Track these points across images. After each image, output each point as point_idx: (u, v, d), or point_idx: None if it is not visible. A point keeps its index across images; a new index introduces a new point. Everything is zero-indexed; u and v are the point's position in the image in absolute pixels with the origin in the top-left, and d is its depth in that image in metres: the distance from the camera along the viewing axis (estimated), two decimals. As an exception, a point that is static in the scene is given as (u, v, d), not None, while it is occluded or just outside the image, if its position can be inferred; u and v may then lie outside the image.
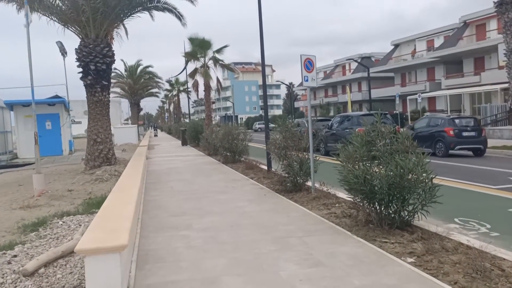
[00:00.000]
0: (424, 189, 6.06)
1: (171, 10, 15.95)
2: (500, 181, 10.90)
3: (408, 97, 43.16)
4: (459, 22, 42.80)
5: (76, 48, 14.22)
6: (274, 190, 10.11)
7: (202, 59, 27.55)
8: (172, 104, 74.25)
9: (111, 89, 47.45)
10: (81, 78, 14.34)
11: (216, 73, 27.91)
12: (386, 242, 5.72)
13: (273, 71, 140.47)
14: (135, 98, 46.27)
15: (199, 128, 27.24)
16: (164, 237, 6.27)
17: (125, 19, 15.46)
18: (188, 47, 27.38)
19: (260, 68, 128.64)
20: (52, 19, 14.13)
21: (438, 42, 46.13)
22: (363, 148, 6.57)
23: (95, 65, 13.93)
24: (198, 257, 5.36)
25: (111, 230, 4.25)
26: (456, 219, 7.24)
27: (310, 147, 9.45)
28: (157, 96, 56.80)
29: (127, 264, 4.59)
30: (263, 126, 35.09)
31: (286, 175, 9.88)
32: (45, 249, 5.76)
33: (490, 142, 20.42)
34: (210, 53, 27.44)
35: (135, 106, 46.71)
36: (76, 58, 14.18)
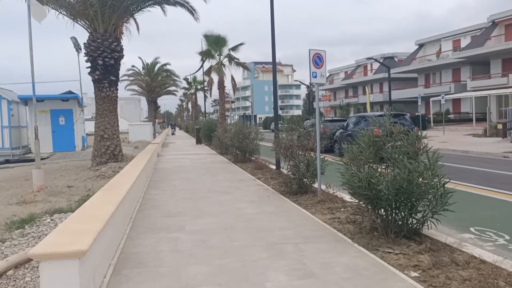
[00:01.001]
0: (435, 195, 5.51)
1: (183, 4, 15.60)
2: (523, 187, 10.18)
3: (432, 99, 42.09)
4: (487, 21, 41.39)
5: (84, 43, 14.01)
6: (279, 191, 9.64)
7: (217, 57, 27.19)
8: (190, 103, 74.26)
9: (129, 87, 47.98)
10: (89, 73, 14.11)
11: (231, 71, 27.57)
12: (390, 252, 5.19)
13: (294, 71, 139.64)
14: (152, 96, 46.14)
15: (213, 126, 26.90)
16: (152, 239, 5.87)
17: (135, 13, 15.18)
18: (204, 45, 27.11)
19: (280, 67, 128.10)
20: (61, 13, 13.93)
21: (464, 42, 44.77)
22: (370, 149, 6.05)
23: (103, 60, 13.67)
24: (182, 262, 4.93)
25: (76, 232, 3.85)
26: (471, 229, 6.63)
27: (317, 148, 8.92)
28: (175, 94, 56.70)
29: (99, 270, 4.18)
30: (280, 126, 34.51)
31: (292, 176, 9.40)
32: (22, 248, 5.42)
33: (515, 146, 19.54)
34: (225, 51, 27.09)
35: (152, 104, 46.61)
36: (84, 53, 13.97)
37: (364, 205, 5.98)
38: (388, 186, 5.47)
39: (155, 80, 45.95)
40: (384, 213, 5.81)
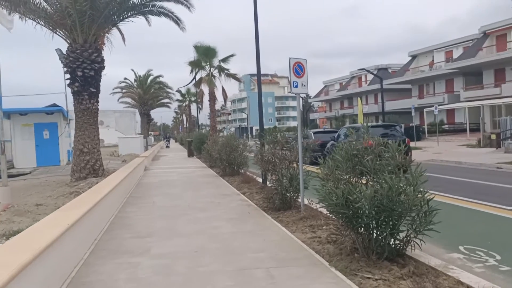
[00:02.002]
0: (419, 213, 5.05)
1: (168, 14, 15.23)
2: (515, 200, 9.74)
3: (425, 109, 41.84)
4: (478, 32, 41.37)
5: (63, 54, 13.56)
6: (262, 207, 9.16)
7: (207, 68, 26.81)
8: (184, 115, 73.81)
9: (122, 99, 47.61)
10: (69, 85, 13.65)
11: (221, 82, 27.15)
12: (369, 278, 4.71)
13: (289, 82, 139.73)
14: (145, 108, 45.68)
15: (204, 139, 26.41)
16: (111, 265, 5.36)
17: (118, 23, 14.78)
18: (195, 56, 26.72)
19: (276, 79, 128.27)
20: (39, 23, 13.50)
21: (457, 53, 44.70)
22: (347, 163, 5.60)
23: (83, 71, 13.22)
24: (138, 293, 4.44)
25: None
26: (461, 247, 6.16)
27: (300, 161, 8.47)
28: (168, 107, 56.25)
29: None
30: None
31: (275, 191, 8.94)
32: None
33: (508, 157, 19.16)
34: (216, 62, 26.70)
35: (145, 117, 46.13)
36: (63, 64, 13.52)
37: (342, 225, 5.51)
38: (366, 203, 5.02)
39: (147, 93, 45.56)
40: (364, 233, 5.35)
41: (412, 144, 34.30)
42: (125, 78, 45.86)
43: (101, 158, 14.53)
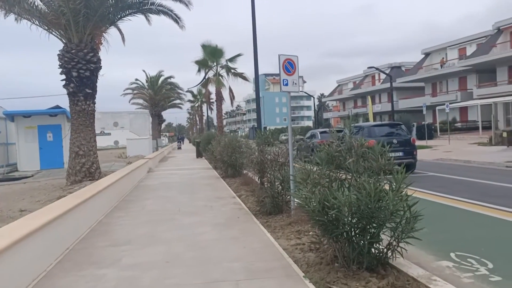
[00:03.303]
0: (401, 220, 4.70)
1: (167, 12, 14.99)
2: (521, 202, 9.25)
3: (437, 108, 41.07)
4: (492, 29, 40.38)
5: (58, 54, 13.40)
6: (254, 211, 8.84)
7: (214, 67, 26.61)
8: (197, 115, 73.77)
9: (134, 100, 47.62)
10: (64, 86, 13.47)
11: (228, 82, 26.88)
12: (344, 291, 4.36)
13: (304, 82, 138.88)
14: (156, 109, 45.58)
15: (212, 139, 26.20)
16: (73, 278, 5.05)
17: (116, 21, 14.57)
18: (201, 55, 26.57)
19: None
20: (34, 23, 13.37)
21: (470, 50, 43.78)
22: (327, 167, 5.26)
23: (78, 72, 13.05)
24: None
25: None
26: (452, 254, 5.76)
27: (290, 163, 8.13)
28: (180, 107, 56.08)
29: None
30: (303, 137, 33.56)
31: (265, 194, 8.63)
32: None
33: (520, 156, 18.52)
34: (223, 62, 26.46)
35: (156, 118, 46.01)
36: (58, 65, 13.36)
37: (320, 232, 5.18)
38: (343, 210, 4.67)
39: (158, 93, 45.46)
40: (343, 241, 5.00)
41: (423, 142, 33.76)
42: (136, 79, 45.92)
43: (98, 161, 14.35)
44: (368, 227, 4.82)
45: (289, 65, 8.32)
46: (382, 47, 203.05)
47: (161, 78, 46.27)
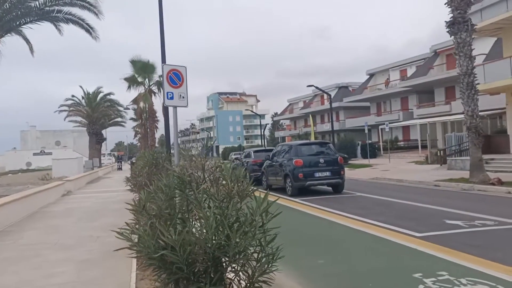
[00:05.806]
0: (246, 261, 3.78)
1: (77, 22, 13.85)
2: (432, 224, 8.66)
3: (380, 127, 41.54)
4: (430, 51, 41.57)
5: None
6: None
7: (145, 83, 25.43)
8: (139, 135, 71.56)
9: (71, 118, 45.25)
10: None
11: (160, 99, 25.74)
12: None
13: (258, 101, 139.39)
14: (95, 127, 43.32)
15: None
16: None
17: (15, 29, 13.24)
18: (131, 71, 25.34)
19: (244, 98, 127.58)
20: None
21: (410, 71, 44.93)
22: (166, 196, 4.31)
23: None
24: None
25: None
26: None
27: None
28: (123, 125, 53.75)
29: None
30: (239, 156, 32.65)
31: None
32: None
33: (449, 174, 18.44)
34: (156, 78, 25.33)
35: (94, 136, 43.64)
36: None
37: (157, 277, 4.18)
38: (171, 248, 3.70)
39: (96, 111, 43.42)
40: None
41: (366, 161, 33.79)
42: (73, 95, 43.76)
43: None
44: (210, 268, 3.88)
45: (175, 77, 7.40)
46: (335, 68, 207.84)
47: (100, 95, 44.32)
